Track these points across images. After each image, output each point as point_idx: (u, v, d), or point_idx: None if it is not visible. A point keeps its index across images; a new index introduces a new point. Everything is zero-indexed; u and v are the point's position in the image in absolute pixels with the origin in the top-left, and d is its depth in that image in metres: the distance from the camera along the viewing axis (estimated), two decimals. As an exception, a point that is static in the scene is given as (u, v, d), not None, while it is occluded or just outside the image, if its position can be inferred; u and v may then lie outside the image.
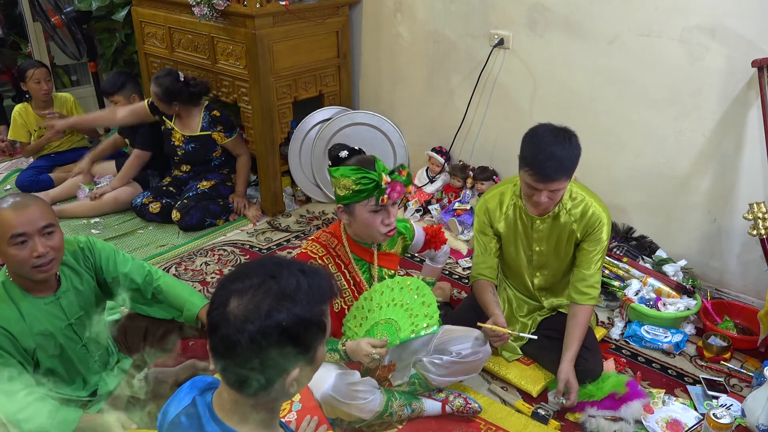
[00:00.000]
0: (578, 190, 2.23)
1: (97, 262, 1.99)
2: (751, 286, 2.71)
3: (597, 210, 2.19)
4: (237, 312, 1.02)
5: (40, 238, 1.74)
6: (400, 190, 1.93)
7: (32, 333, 1.80)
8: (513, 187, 2.28)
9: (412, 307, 1.94)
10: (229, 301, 1.04)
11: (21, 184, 3.89)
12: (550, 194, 2.05)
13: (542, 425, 2.12)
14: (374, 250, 2.10)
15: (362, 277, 2.09)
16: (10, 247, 1.72)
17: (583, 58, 2.89)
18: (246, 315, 1.02)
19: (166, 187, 3.63)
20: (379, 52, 3.70)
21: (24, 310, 1.79)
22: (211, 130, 3.50)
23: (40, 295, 1.83)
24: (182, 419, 1.13)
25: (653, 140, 2.79)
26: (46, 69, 3.95)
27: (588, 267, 2.21)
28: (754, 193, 2.56)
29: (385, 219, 1.96)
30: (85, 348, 1.95)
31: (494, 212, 2.30)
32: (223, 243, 3.35)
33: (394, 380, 2.14)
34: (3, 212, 1.72)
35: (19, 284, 1.81)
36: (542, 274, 2.35)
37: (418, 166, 3.72)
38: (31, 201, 1.77)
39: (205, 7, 3.23)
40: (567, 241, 2.24)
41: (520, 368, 2.35)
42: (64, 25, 4.18)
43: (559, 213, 2.20)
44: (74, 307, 1.90)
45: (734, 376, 2.36)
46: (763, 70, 2.38)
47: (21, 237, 1.72)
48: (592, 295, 2.21)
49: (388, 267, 2.14)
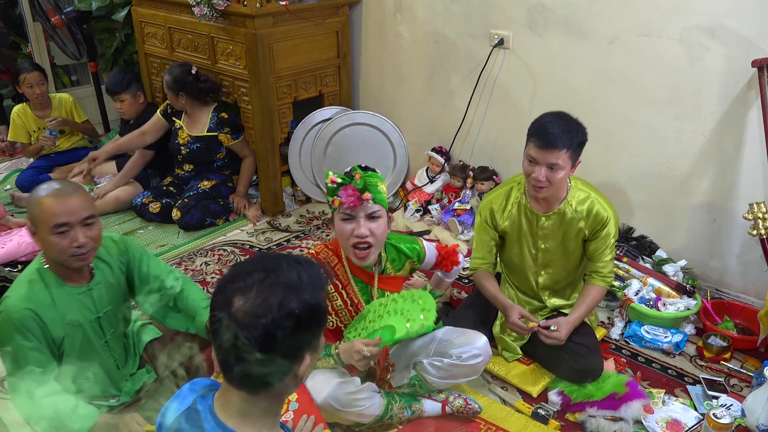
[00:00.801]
0: (583, 187, 2.26)
1: (129, 260, 2.00)
2: (751, 286, 2.71)
3: (603, 207, 2.23)
4: (245, 309, 1.03)
5: (81, 228, 1.76)
6: (351, 193, 1.87)
7: (63, 322, 1.81)
8: (517, 186, 2.31)
9: (411, 312, 1.91)
10: (232, 302, 1.04)
11: (21, 184, 3.89)
12: (550, 172, 2.06)
13: (542, 425, 2.12)
14: (375, 273, 2.06)
15: (361, 299, 2.05)
16: (51, 235, 1.74)
17: (583, 58, 2.89)
18: (255, 311, 1.02)
19: (166, 187, 3.63)
20: (379, 52, 3.70)
21: (57, 298, 1.81)
22: (217, 131, 3.51)
23: (73, 284, 1.85)
24: (183, 422, 1.13)
25: (653, 140, 2.79)
26: (39, 72, 3.89)
27: (600, 260, 2.28)
28: (754, 193, 2.56)
29: (356, 230, 1.89)
30: (107, 345, 1.96)
31: (498, 212, 2.32)
32: (223, 243, 3.35)
33: (394, 382, 2.14)
34: (47, 200, 1.73)
35: (54, 271, 1.83)
36: (547, 272, 2.36)
37: (418, 166, 3.72)
38: (74, 191, 1.79)
39: (205, 7, 3.23)
40: (574, 238, 2.27)
41: (520, 368, 2.35)
42: (64, 25, 4.17)
43: (564, 209, 2.23)
44: (104, 301, 1.92)
45: (734, 376, 2.36)
46: (763, 70, 2.38)
47: (64, 227, 1.74)
48: (607, 279, 2.30)
49: (390, 290, 2.08)
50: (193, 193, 3.52)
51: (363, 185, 1.87)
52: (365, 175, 1.90)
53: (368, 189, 1.88)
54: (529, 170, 2.12)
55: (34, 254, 2.94)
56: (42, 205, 1.73)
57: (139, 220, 3.58)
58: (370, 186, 1.89)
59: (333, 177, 1.89)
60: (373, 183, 1.90)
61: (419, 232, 3.38)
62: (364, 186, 1.88)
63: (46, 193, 1.75)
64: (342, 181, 1.88)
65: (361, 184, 1.87)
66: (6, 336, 1.74)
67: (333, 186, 1.89)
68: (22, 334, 1.73)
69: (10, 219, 3.30)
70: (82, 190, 1.83)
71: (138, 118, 3.75)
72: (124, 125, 3.87)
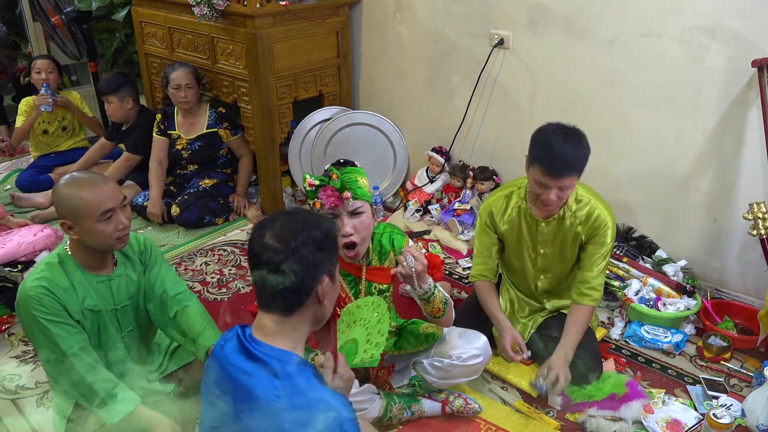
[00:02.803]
0: (583, 192, 2.23)
1: (148, 259, 2.02)
2: (751, 286, 2.71)
3: (602, 213, 2.19)
4: (277, 237, 1.29)
5: (121, 210, 1.82)
6: (331, 194, 1.86)
7: (81, 306, 1.83)
8: (518, 190, 2.28)
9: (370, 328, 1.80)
10: (264, 235, 1.30)
11: (21, 184, 3.89)
12: (560, 192, 2.05)
13: (542, 425, 2.12)
14: (363, 265, 2.03)
15: (349, 292, 2.04)
16: (98, 224, 1.77)
17: (583, 58, 2.89)
18: (283, 237, 1.29)
19: (167, 187, 3.63)
20: (379, 52, 3.70)
21: (76, 283, 1.83)
22: (217, 126, 3.53)
23: (94, 272, 1.87)
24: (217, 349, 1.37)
25: (653, 140, 2.79)
26: (49, 61, 3.93)
27: (590, 269, 2.21)
28: (754, 193, 2.56)
29: (342, 228, 1.88)
30: (123, 341, 1.96)
31: (498, 215, 2.30)
32: (223, 243, 3.35)
33: (394, 382, 2.14)
34: (86, 193, 1.77)
35: (78, 259, 1.85)
36: (546, 277, 2.35)
37: (418, 166, 3.72)
38: (102, 178, 1.83)
39: (205, 7, 3.23)
40: (572, 244, 2.24)
41: (520, 368, 2.35)
42: (64, 25, 4.17)
43: (564, 215, 2.21)
44: (122, 294, 1.93)
45: (734, 376, 2.36)
46: (763, 70, 2.38)
47: (109, 212, 1.78)
48: (594, 296, 2.21)
49: (378, 282, 2.06)
50: (193, 190, 3.53)
51: (340, 185, 1.86)
52: (344, 171, 1.89)
53: (347, 187, 1.86)
54: (538, 191, 2.08)
55: (34, 254, 2.94)
56: (82, 198, 1.76)
57: (140, 220, 3.58)
58: (349, 183, 1.87)
59: (310, 180, 1.88)
60: (352, 179, 1.88)
61: (419, 232, 3.38)
62: (341, 185, 1.86)
63: (80, 187, 1.78)
64: (320, 182, 1.88)
65: (338, 184, 1.86)
66: (28, 315, 1.77)
67: (311, 189, 1.88)
68: (40, 310, 1.75)
69: (10, 219, 3.29)
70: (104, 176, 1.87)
71: (128, 122, 3.71)
72: (116, 129, 3.81)
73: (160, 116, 3.57)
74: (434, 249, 3.23)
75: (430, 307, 1.98)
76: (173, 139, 3.56)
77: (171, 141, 3.56)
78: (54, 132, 4.01)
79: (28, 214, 3.52)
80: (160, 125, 3.56)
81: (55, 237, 3.11)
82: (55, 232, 3.13)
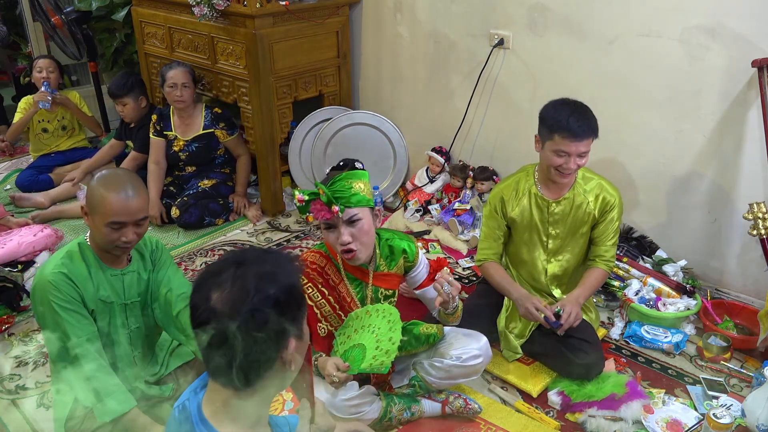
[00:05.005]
0: (589, 173, 2.35)
1: (158, 259, 2.04)
2: (751, 286, 2.71)
3: (610, 191, 2.33)
4: (223, 299, 1.04)
5: (132, 226, 1.82)
6: (321, 208, 1.87)
7: (96, 295, 1.86)
8: (526, 176, 2.37)
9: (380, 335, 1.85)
10: (210, 296, 1.05)
11: (21, 184, 3.89)
12: (578, 159, 2.17)
13: (542, 425, 2.12)
14: (370, 270, 2.05)
15: (356, 296, 2.04)
16: (104, 227, 1.80)
17: (583, 58, 2.89)
18: (233, 298, 1.03)
19: (166, 187, 3.63)
20: (379, 52, 3.70)
21: (93, 272, 1.86)
22: (213, 127, 3.52)
23: (109, 265, 1.90)
24: (176, 413, 1.15)
25: (653, 140, 2.79)
26: (51, 60, 3.95)
27: (603, 243, 2.35)
28: (754, 193, 2.56)
29: (339, 237, 1.89)
30: (129, 338, 1.98)
31: (509, 201, 2.37)
32: (223, 243, 3.35)
33: (394, 382, 2.14)
34: (111, 197, 1.78)
35: (95, 250, 1.89)
36: (557, 260, 2.40)
37: (418, 166, 3.72)
38: (136, 193, 1.83)
39: (205, 7, 3.23)
40: (584, 223, 2.33)
41: (520, 368, 2.35)
42: (64, 25, 4.18)
43: (574, 194, 2.30)
44: (132, 290, 1.95)
45: (734, 376, 2.36)
46: (763, 70, 2.38)
47: (118, 225, 1.80)
48: (608, 263, 2.36)
49: (385, 287, 2.07)
50: (192, 191, 3.52)
51: (327, 200, 1.86)
52: (336, 180, 1.89)
53: (335, 201, 1.86)
54: (558, 162, 2.19)
55: (34, 254, 2.94)
56: (104, 199, 1.78)
57: (139, 220, 3.57)
58: (341, 193, 1.87)
59: (300, 196, 1.88)
60: (345, 187, 1.87)
61: (419, 232, 3.38)
62: (328, 200, 1.86)
63: (108, 187, 1.80)
64: (309, 197, 1.88)
65: (325, 199, 1.86)
66: (43, 299, 1.78)
67: (301, 205, 1.89)
68: (56, 296, 1.77)
69: (10, 219, 3.30)
70: (143, 190, 1.87)
71: (140, 121, 3.74)
72: (125, 128, 3.85)
73: (155, 117, 3.56)
74: (434, 249, 3.23)
75: (452, 317, 2.11)
76: (170, 141, 3.55)
77: (168, 142, 3.56)
78: (54, 131, 4.01)
79: (28, 214, 3.52)
80: (156, 126, 3.55)
81: (55, 237, 3.11)
82: (55, 232, 3.13)
